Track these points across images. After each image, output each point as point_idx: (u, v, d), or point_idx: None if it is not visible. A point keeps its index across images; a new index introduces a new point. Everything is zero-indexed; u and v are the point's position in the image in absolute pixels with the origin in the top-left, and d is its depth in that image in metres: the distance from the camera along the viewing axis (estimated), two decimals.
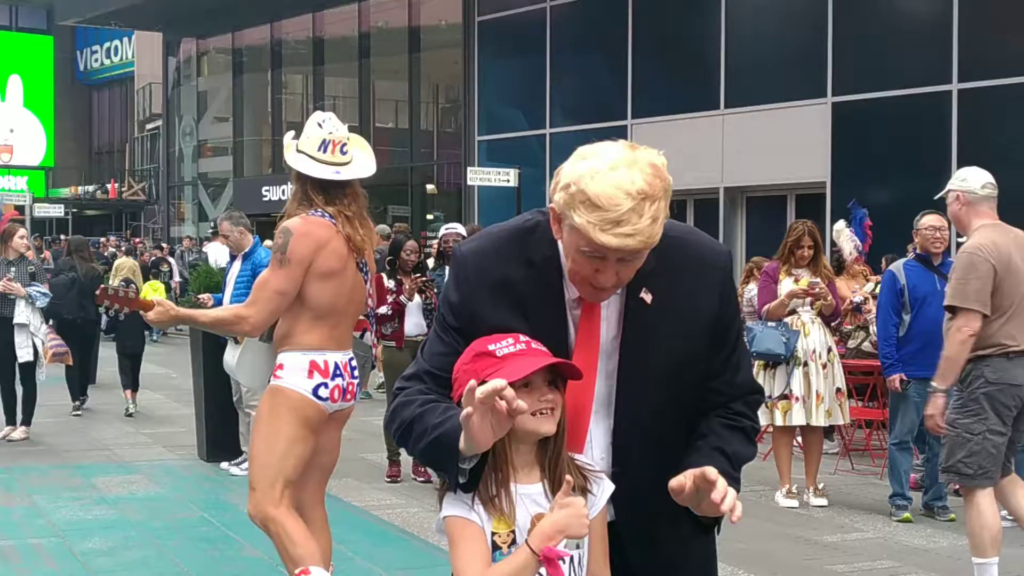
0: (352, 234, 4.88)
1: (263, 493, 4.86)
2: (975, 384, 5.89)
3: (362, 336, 5.30)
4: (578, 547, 2.49)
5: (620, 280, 2.45)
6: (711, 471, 2.39)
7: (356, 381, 5.02)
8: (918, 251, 8.30)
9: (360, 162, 5.00)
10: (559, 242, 2.52)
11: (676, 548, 2.69)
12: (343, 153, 4.93)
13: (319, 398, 4.85)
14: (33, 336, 10.62)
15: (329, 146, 4.90)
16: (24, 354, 10.56)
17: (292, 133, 5.02)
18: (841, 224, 11.09)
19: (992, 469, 5.87)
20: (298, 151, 4.93)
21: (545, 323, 2.54)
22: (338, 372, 4.89)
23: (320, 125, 4.95)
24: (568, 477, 2.42)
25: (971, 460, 5.86)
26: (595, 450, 2.61)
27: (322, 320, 4.86)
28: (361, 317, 5.18)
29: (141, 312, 5.08)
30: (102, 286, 5.50)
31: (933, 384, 6.04)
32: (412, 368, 2.63)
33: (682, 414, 2.65)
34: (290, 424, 4.82)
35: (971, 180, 6.05)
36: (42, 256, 24.39)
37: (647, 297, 2.54)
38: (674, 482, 2.43)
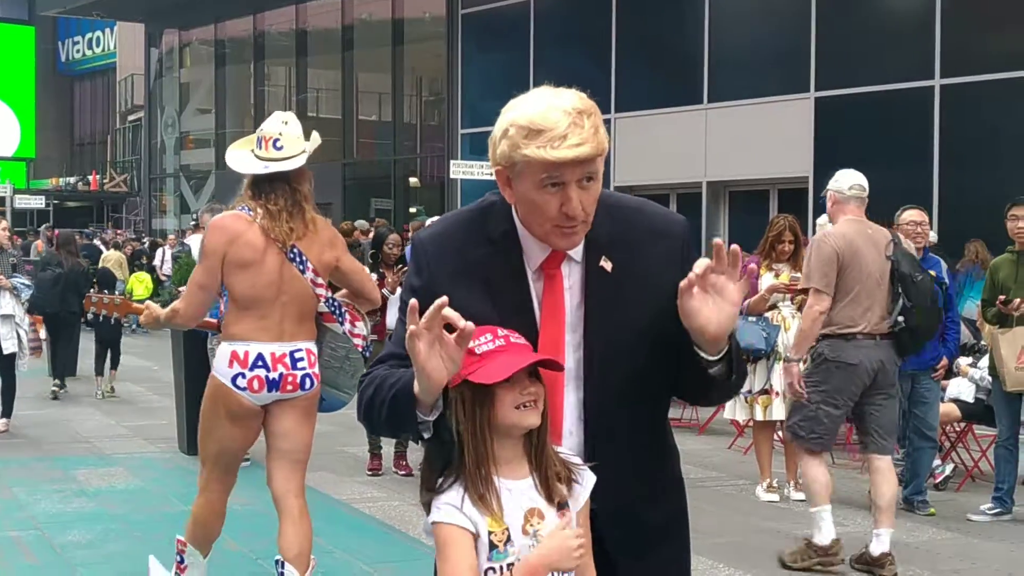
0: (271, 226, 4.95)
1: (202, 468, 5.27)
2: (817, 359, 6.66)
3: (342, 329, 5.29)
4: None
5: (586, 211, 2.44)
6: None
7: (303, 372, 5.04)
8: None
9: (291, 154, 5.09)
10: (515, 215, 2.54)
11: (652, 528, 2.66)
12: (276, 148, 5.04)
13: (236, 387, 4.96)
14: (18, 327, 10.59)
15: (262, 142, 5.06)
16: (9, 345, 10.52)
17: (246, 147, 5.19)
18: (824, 218, 11.09)
19: (824, 436, 6.71)
20: (233, 148, 5.19)
21: (509, 298, 2.53)
22: (260, 363, 4.94)
23: (283, 123, 5.13)
24: (566, 510, 2.44)
25: (804, 424, 6.69)
26: (567, 424, 2.56)
27: (247, 311, 4.97)
28: (323, 310, 5.19)
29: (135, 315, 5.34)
30: (88, 295, 5.71)
31: (787, 354, 7.07)
32: (384, 350, 2.65)
33: (653, 387, 2.61)
34: (212, 411, 5.08)
35: (841, 181, 7.00)
36: (34, 246, 24.32)
37: (607, 265, 2.55)
38: (683, 283, 2.41)
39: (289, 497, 5.23)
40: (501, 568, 2.41)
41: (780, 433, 8.98)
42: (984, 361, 8.95)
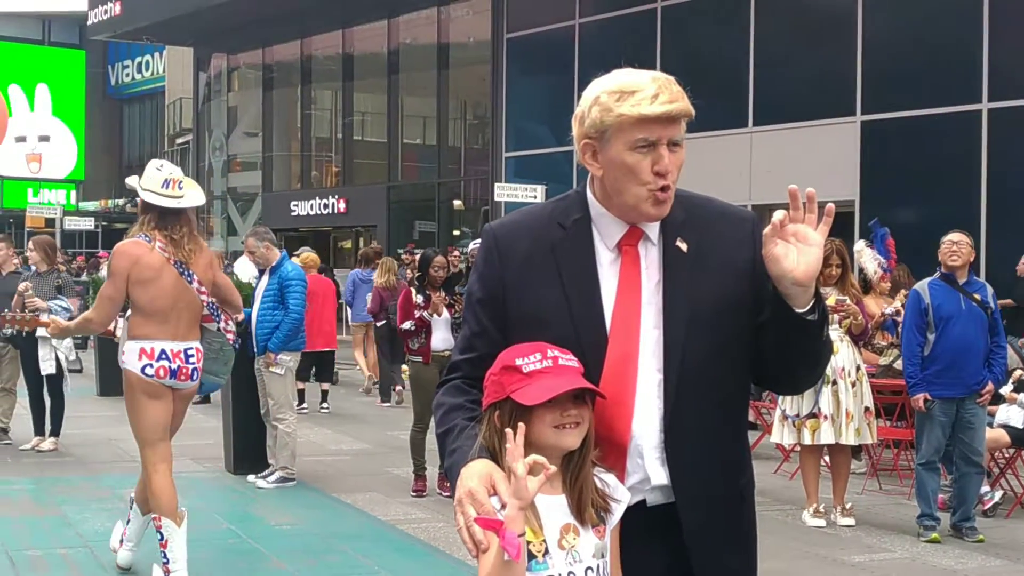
0: (176, 251, 6.26)
1: (143, 452, 6.30)
2: None
3: (218, 327, 6.54)
4: (603, 556, 2.49)
5: (674, 173, 2.52)
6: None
7: (192, 366, 6.29)
8: (942, 270, 8.26)
9: (192, 195, 6.43)
10: (591, 199, 2.62)
11: (727, 521, 2.64)
12: (180, 189, 6.35)
13: (145, 375, 6.17)
14: (56, 349, 10.72)
15: (170, 184, 6.32)
16: (47, 367, 10.68)
17: (136, 177, 6.39)
18: (861, 244, 11.01)
19: None
20: (143, 188, 6.31)
21: (578, 283, 2.57)
22: (164, 356, 6.18)
23: (159, 169, 6.36)
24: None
25: None
26: (645, 403, 2.55)
27: (151, 317, 6.20)
28: (205, 313, 6.43)
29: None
30: (2, 314, 7.08)
31: None
32: (453, 356, 2.73)
33: (731, 365, 2.62)
34: (133, 399, 6.25)
35: None
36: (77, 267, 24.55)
37: (683, 246, 2.60)
38: (767, 230, 2.48)
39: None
40: None
41: (827, 458, 8.93)
42: None
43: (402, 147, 27.57)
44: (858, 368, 8.55)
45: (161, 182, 6.32)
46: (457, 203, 26.04)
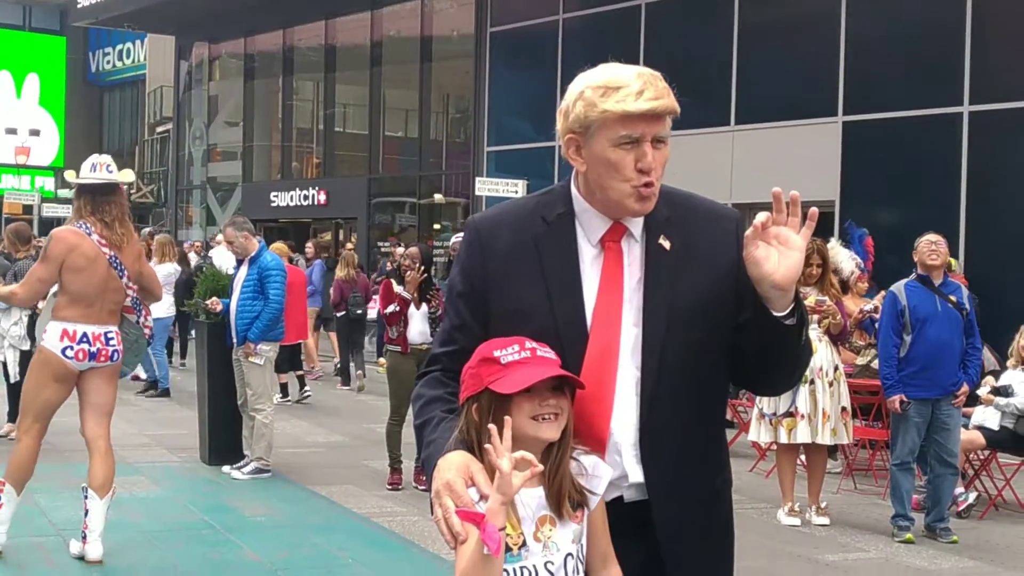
0: (107, 233, 6.59)
1: (22, 421, 6.76)
2: None
3: (138, 320, 6.85)
4: (581, 540, 2.49)
5: (658, 170, 2.51)
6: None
7: (112, 348, 6.61)
8: (918, 271, 8.29)
9: (120, 175, 6.87)
10: (575, 194, 2.61)
11: (701, 517, 2.64)
12: (109, 172, 6.77)
13: (65, 356, 6.51)
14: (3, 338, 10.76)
15: (96, 167, 6.75)
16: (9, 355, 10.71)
17: (73, 172, 6.85)
18: (833, 242, 10.97)
19: None
20: (77, 180, 6.76)
21: (560, 278, 2.57)
22: (84, 339, 6.52)
23: (89, 160, 6.82)
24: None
25: None
26: (623, 399, 2.55)
27: (77, 301, 6.54)
28: (127, 304, 6.76)
29: None
30: None
31: None
32: (433, 348, 2.74)
33: (710, 364, 2.61)
34: (43, 375, 6.58)
35: None
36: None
37: (666, 244, 2.59)
38: (748, 232, 2.46)
39: (99, 440, 6.73)
40: (514, 571, 2.41)
41: (803, 457, 8.95)
42: (1021, 389, 8.93)
43: (383, 139, 27.50)
44: (836, 368, 8.57)
45: (89, 167, 6.79)
46: (438, 197, 26.00)
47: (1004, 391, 9.08)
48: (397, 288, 9.20)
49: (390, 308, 9.14)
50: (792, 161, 16.49)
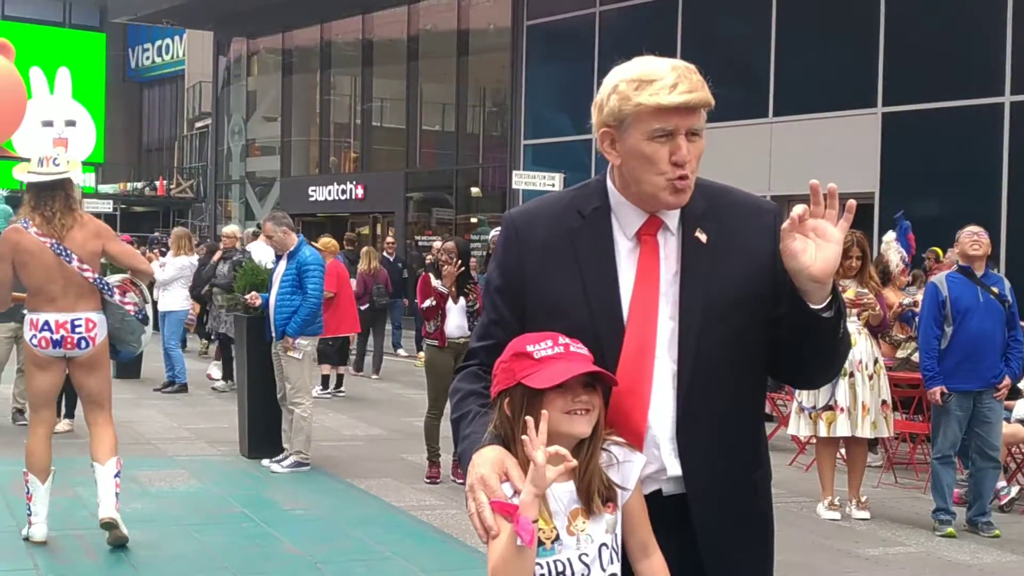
0: (48, 229, 6.69)
1: (30, 412, 7.08)
2: None
3: (111, 297, 6.87)
4: (615, 529, 2.48)
5: (693, 163, 2.50)
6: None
7: (79, 336, 6.71)
8: (960, 263, 8.22)
9: (70, 166, 6.93)
10: (611, 187, 2.60)
11: (739, 515, 2.62)
12: (55, 165, 6.82)
13: (32, 344, 6.76)
14: None
15: (43, 161, 6.83)
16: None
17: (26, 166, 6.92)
18: (890, 235, 11.01)
19: None
20: (23, 178, 6.85)
21: (596, 271, 2.56)
22: (46, 327, 6.69)
23: (38, 158, 6.88)
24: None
25: None
26: (659, 394, 2.54)
27: (37, 293, 6.77)
28: (92, 285, 6.78)
29: None
30: None
31: None
32: (471, 343, 2.74)
33: (747, 358, 2.59)
34: (28, 365, 6.92)
35: None
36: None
37: (702, 236, 2.58)
38: (785, 224, 2.45)
39: (96, 425, 7.02)
40: (547, 565, 2.41)
41: (843, 451, 8.89)
42: None
43: (420, 134, 27.55)
44: (876, 361, 8.51)
45: (37, 161, 6.88)
46: (475, 190, 26.03)
47: None
48: (435, 282, 9.20)
49: (427, 302, 9.15)
50: (831, 153, 16.39)
